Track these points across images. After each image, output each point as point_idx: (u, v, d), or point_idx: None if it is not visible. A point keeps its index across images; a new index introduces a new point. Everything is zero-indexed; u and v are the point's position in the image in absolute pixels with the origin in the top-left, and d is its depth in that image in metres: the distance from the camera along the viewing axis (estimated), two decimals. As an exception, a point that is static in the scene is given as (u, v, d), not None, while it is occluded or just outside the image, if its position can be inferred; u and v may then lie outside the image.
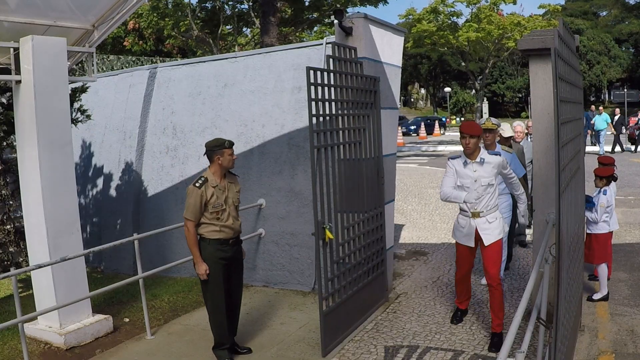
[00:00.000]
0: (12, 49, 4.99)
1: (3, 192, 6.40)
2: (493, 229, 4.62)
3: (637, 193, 11.43)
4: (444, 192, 4.72)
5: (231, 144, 4.38)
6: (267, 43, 16.31)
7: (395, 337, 4.84)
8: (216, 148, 4.34)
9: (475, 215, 4.64)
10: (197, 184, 4.28)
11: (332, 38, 5.76)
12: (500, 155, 4.66)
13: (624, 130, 20.68)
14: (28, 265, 5.35)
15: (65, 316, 5.08)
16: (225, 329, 4.47)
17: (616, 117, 19.87)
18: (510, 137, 6.50)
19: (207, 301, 4.46)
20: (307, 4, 20.83)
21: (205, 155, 4.43)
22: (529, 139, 8.65)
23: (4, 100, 6.22)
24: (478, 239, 4.69)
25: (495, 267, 4.64)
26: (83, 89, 6.99)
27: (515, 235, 7.30)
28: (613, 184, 5.59)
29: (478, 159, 4.60)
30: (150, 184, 7.81)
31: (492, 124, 5.65)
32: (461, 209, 4.75)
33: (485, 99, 42.13)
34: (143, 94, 7.97)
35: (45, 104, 4.99)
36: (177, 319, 5.65)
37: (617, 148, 19.77)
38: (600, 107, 20.58)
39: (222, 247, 4.37)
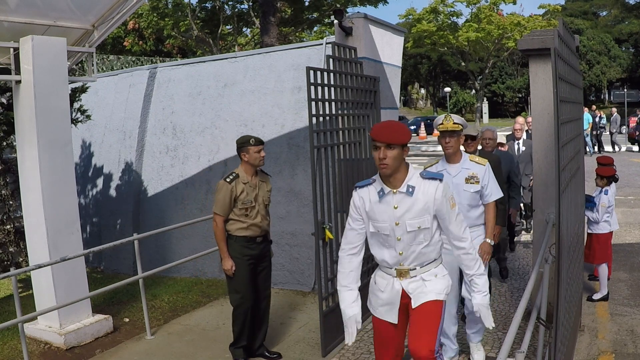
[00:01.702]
0: (12, 49, 4.99)
1: (3, 192, 6.40)
2: (431, 288, 2.88)
3: (637, 193, 11.43)
4: (339, 261, 3.02)
5: (258, 141, 4.32)
6: (267, 43, 16.31)
7: (395, 337, 4.83)
8: (242, 145, 4.32)
9: (402, 274, 2.87)
10: (228, 179, 4.23)
11: (332, 38, 5.76)
12: (440, 179, 2.81)
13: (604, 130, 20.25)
14: (28, 265, 5.35)
15: (65, 316, 5.08)
16: (246, 328, 4.41)
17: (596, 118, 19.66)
18: (473, 136, 4.48)
19: (232, 300, 4.40)
20: (307, 4, 20.83)
21: (237, 153, 4.42)
22: (517, 144, 7.42)
23: (4, 100, 6.23)
24: (407, 306, 2.92)
25: (426, 339, 2.80)
26: (83, 89, 6.99)
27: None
28: (613, 184, 5.59)
29: (403, 187, 2.77)
30: (150, 184, 7.81)
31: (455, 123, 3.81)
32: (380, 259, 2.96)
33: (485, 99, 42.15)
34: (143, 94, 7.97)
35: (45, 104, 4.99)
36: (177, 319, 5.65)
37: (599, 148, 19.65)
38: (584, 107, 20.21)
39: (248, 244, 4.32)
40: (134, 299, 6.20)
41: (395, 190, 2.79)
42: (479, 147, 4.95)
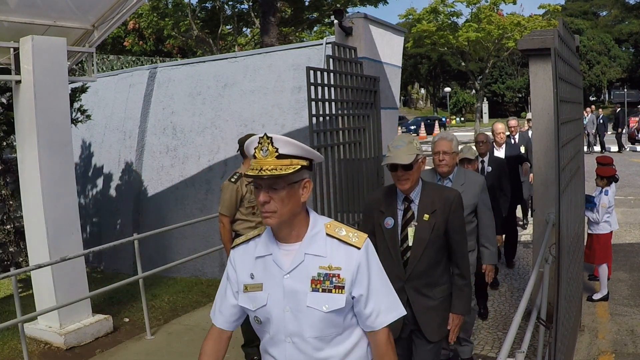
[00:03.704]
0: (12, 49, 4.99)
1: (3, 192, 6.39)
2: None
3: (637, 193, 11.42)
4: None
5: None
6: (267, 43, 16.30)
7: (395, 337, 4.83)
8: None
9: None
10: (233, 179, 4.22)
11: (332, 38, 5.76)
12: None
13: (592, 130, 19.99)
14: (28, 265, 5.35)
15: (65, 316, 5.08)
16: None
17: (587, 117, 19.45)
18: (407, 166, 2.73)
19: None
20: (307, 4, 20.82)
21: (238, 151, 4.40)
22: (481, 163, 5.48)
23: (4, 100, 6.23)
24: None
25: None
26: (83, 89, 6.99)
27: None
28: (613, 184, 5.59)
29: None
30: (150, 184, 7.80)
31: (282, 156, 1.67)
32: None
33: (485, 99, 42.12)
34: (143, 94, 7.98)
35: (45, 104, 4.99)
36: (177, 319, 5.65)
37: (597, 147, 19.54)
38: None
39: None
40: (134, 299, 6.20)
41: None
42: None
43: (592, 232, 5.51)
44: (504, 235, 5.86)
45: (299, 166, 1.69)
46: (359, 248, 1.76)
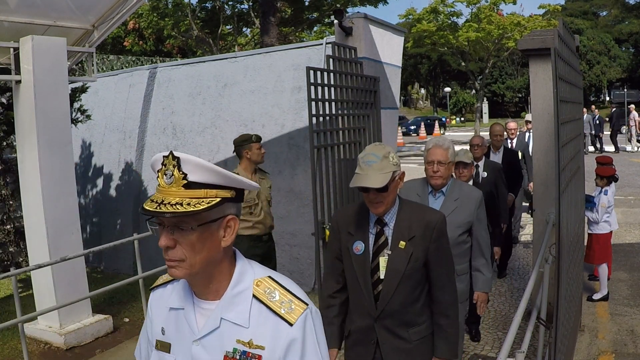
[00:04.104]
0: (12, 49, 4.99)
1: (3, 192, 6.39)
2: None
3: (637, 193, 11.42)
4: None
5: (258, 138, 4.40)
6: (267, 43, 16.30)
7: (395, 337, 4.82)
8: (244, 143, 4.36)
9: None
10: None
11: (332, 38, 5.77)
12: None
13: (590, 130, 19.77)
14: (28, 265, 5.35)
15: (65, 316, 5.08)
16: None
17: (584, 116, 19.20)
18: (381, 189, 2.33)
19: None
20: (307, 4, 20.83)
21: (234, 152, 4.43)
22: (476, 167, 5.22)
23: (4, 100, 6.23)
24: None
25: None
26: (83, 89, 6.99)
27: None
28: (613, 184, 5.59)
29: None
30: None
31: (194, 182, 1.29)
32: None
33: (485, 99, 42.15)
34: (143, 94, 7.98)
35: (45, 104, 4.99)
36: (177, 319, 5.65)
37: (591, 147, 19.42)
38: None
39: (255, 243, 4.31)
40: (134, 299, 6.20)
41: None
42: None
43: (592, 232, 5.52)
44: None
45: (218, 199, 1.25)
46: (291, 324, 1.28)
